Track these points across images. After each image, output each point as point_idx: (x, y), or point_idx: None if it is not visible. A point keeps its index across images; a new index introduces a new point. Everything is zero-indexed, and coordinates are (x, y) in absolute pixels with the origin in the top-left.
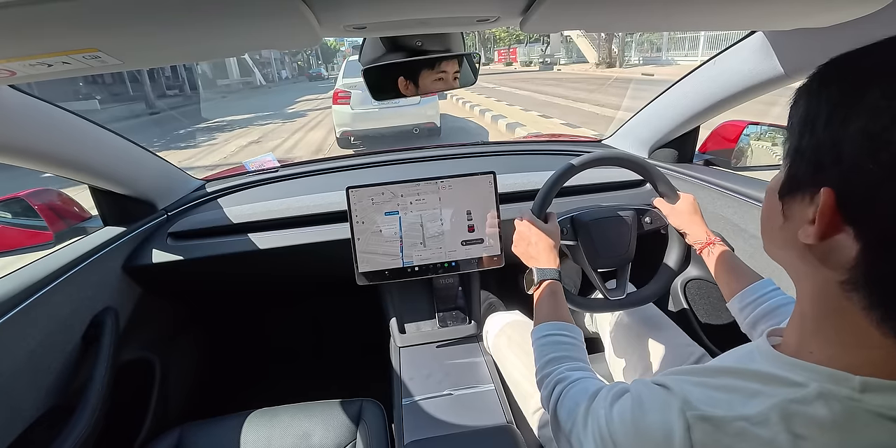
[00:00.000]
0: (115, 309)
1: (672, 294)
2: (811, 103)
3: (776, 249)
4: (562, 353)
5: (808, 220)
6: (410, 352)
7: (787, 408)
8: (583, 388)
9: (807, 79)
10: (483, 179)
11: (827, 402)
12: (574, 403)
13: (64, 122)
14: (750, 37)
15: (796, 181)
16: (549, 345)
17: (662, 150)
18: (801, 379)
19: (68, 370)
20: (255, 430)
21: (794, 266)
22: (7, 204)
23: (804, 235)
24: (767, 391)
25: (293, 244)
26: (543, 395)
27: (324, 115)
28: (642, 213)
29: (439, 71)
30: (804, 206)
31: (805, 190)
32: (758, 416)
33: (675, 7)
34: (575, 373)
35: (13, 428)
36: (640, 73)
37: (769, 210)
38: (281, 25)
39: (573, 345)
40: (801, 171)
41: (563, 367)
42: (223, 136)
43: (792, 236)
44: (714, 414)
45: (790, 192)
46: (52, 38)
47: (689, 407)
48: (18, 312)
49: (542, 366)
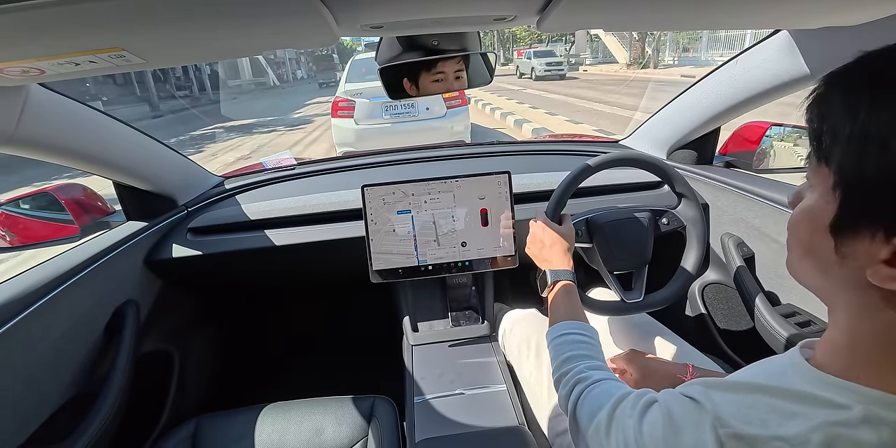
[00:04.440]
0: (137, 301)
1: (689, 298)
2: (874, 114)
3: (824, 288)
4: (580, 351)
5: (879, 259)
6: (423, 350)
7: (830, 431)
8: (605, 390)
9: (841, 79)
10: (498, 179)
11: (874, 426)
12: (597, 406)
13: (91, 120)
14: (775, 35)
15: (857, 217)
16: (565, 344)
17: (681, 152)
18: (845, 401)
19: (91, 360)
20: (269, 424)
21: (847, 303)
22: (35, 198)
23: (884, 279)
24: (807, 412)
25: (309, 241)
26: (562, 394)
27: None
28: (659, 215)
29: (436, 72)
30: (873, 245)
31: (871, 226)
32: (796, 438)
33: (698, 5)
34: (595, 372)
35: (40, 413)
36: (678, 75)
37: (814, 245)
38: (299, 25)
39: (591, 344)
40: (865, 206)
41: (581, 365)
42: (211, 149)
43: (853, 275)
44: (748, 432)
45: (851, 227)
46: (78, 38)
47: (721, 424)
48: (45, 303)
49: (559, 364)
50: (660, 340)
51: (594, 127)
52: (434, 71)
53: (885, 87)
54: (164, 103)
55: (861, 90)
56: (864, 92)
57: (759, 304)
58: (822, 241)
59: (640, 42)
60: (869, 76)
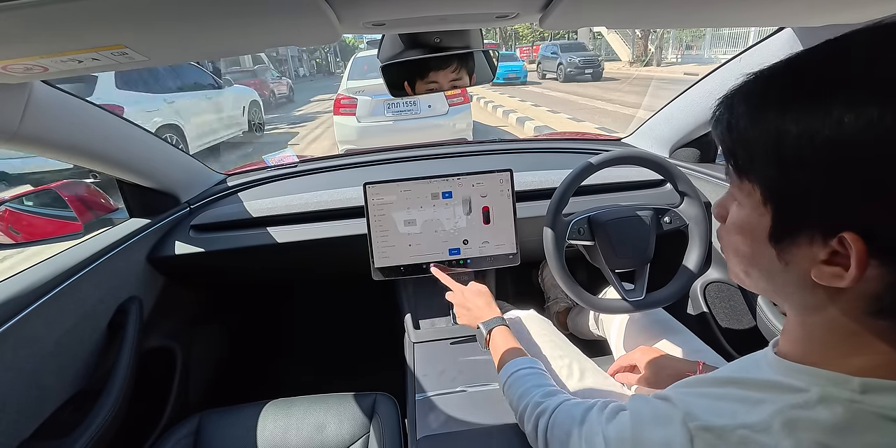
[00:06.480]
0: (140, 298)
1: (691, 297)
2: (792, 125)
3: (774, 293)
4: (529, 383)
5: (819, 260)
6: (424, 348)
7: (789, 414)
8: (567, 414)
9: (750, 87)
10: (500, 177)
11: (829, 405)
12: (565, 433)
13: (94, 117)
14: (778, 33)
15: (793, 226)
16: (515, 382)
17: (684, 150)
18: (803, 384)
19: (94, 356)
20: (271, 420)
21: (796, 303)
22: (39, 195)
23: (827, 277)
24: (771, 398)
25: (311, 238)
26: (528, 432)
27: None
28: (661, 213)
29: (429, 81)
30: (812, 248)
31: (808, 232)
32: (760, 424)
33: (701, 2)
34: (549, 400)
35: (43, 409)
36: (681, 73)
37: (756, 256)
38: (302, 22)
39: (537, 373)
40: (798, 215)
41: (535, 396)
42: (212, 146)
43: (798, 278)
44: (716, 423)
45: (788, 236)
46: (81, 35)
47: (691, 418)
48: (48, 300)
49: (516, 403)
50: (676, 337)
51: (596, 125)
52: (427, 80)
53: (790, 97)
54: None
55: (764, 104)
56: (769, 106)
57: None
58: (763, 252)
59: (642, 39)
60: (770, 90)
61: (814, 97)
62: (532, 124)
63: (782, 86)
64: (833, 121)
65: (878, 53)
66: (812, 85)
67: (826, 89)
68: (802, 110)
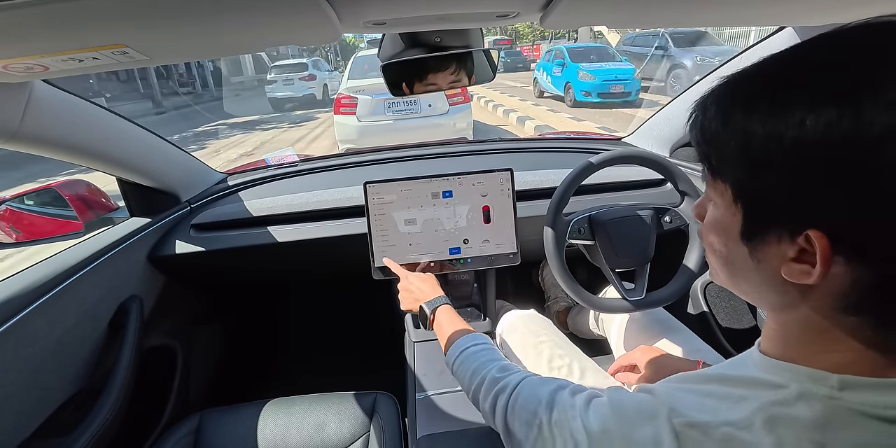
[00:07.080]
0: (140, 297)
1: (692, 296)
2: (758, 126)
3: (748, 292)
4: (482, 359)
5: (788, 257)
6: (425, 347)
7: (770, 410)
8: (531, 393)
9: (723, 89)
10: (500, 176)
11: (807, 402)
12: (529, 413)
13: (95, 117)
14: (779, 32)
15: (763, 225)
16: (466, 359)
17: (685, 149)
18: (783, 380)
19: (95, 355)
20: (272, 419)
21: (770, 302)
22: (39, 194)
23: (796, 275)
24: (753, 395)
25: (311, 238)
26: (485, 409)
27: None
28: (662, 213)
29: (428, 83)
30: (780, 246)
31: (776, 230)
32: (742, 421)
33: (702, 1)
34: (508, 375)
35: (44, 409)
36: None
37: (730, 254)
38: (302, 21)
39: (489, 348)
40: (767, 214)
41: (490, 371)
42: (214, 145)
43: (770, 276)
44: (700, 420)
45: (759, 234)
46: (82, 34)
47: (675, 414)
48: (49, 299)
49: (469, 380)
50: (676, 337)
51: (597, 124)
52: (426, 82)
53: (756, 99)
54: (167, 100)
55: (733, 106)
56: (737, 108)
57: None
58: (736, 250)
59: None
60: (739, 92)
61: (778, 99)
62: (532, 123)
63: (750, 89)
64: (796, 122)
65: (839, 56)
66: (777, 87)
67: (789, 91)
68: (768, 112)
